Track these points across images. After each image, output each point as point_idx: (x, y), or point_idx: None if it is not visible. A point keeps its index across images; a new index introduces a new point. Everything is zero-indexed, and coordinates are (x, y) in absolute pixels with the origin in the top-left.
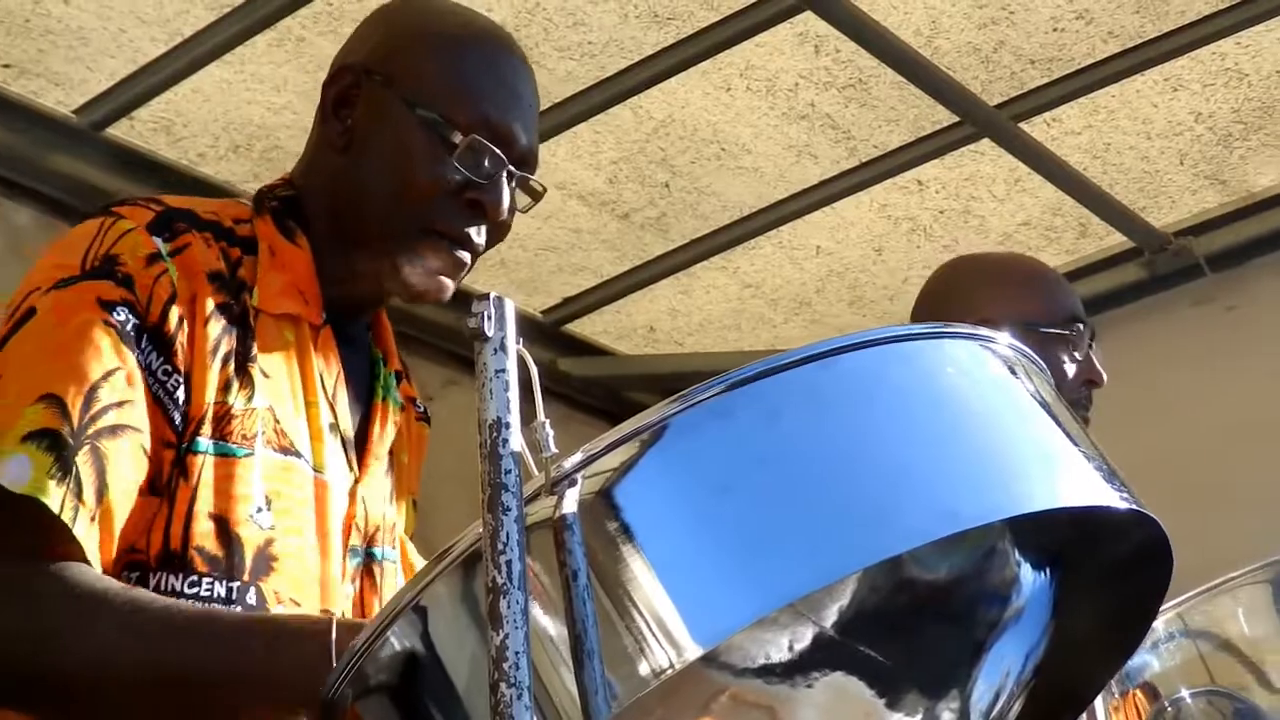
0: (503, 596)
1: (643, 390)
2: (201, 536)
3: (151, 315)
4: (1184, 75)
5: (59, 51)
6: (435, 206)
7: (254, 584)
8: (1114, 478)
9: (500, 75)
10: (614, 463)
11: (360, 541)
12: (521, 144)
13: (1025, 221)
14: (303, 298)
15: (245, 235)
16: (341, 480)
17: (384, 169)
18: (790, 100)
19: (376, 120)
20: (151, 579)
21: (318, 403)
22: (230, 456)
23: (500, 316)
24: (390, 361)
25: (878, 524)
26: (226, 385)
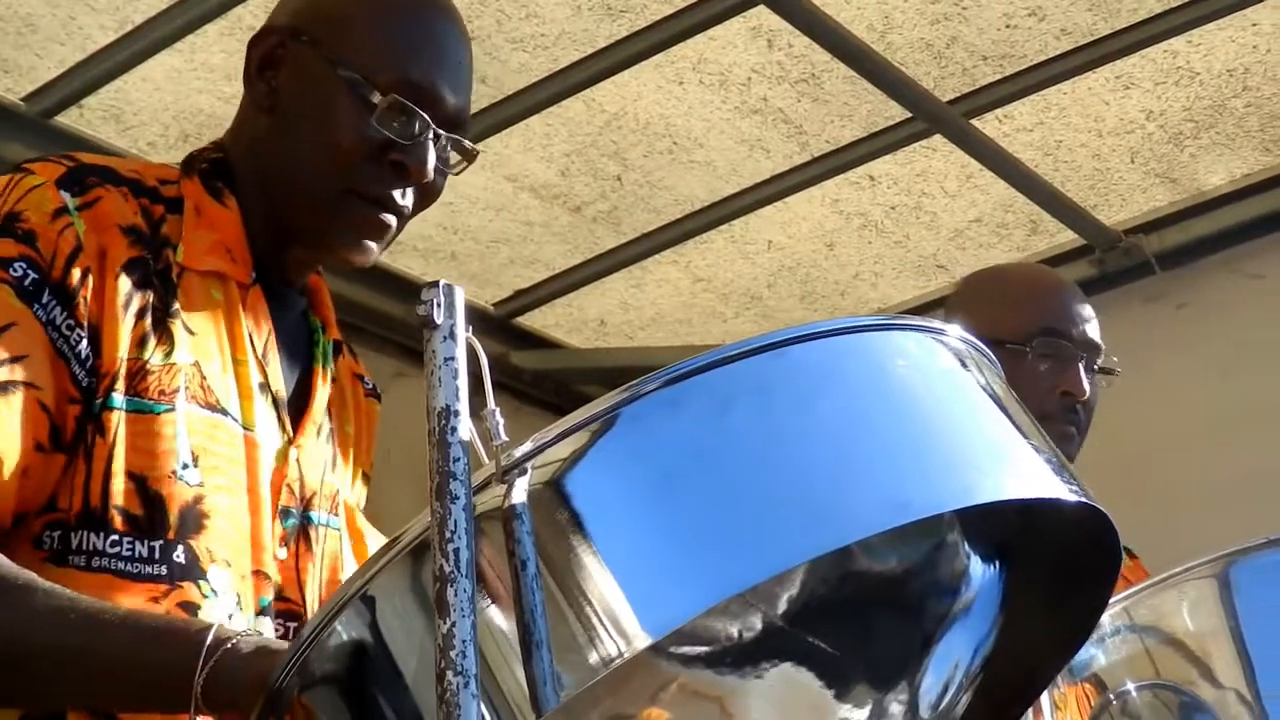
0: (450, 585)
1: (594, 383)
2: (119, 495)
3: (55, 270)
4: (1135, 73)
5: (7, 39)
6: (358, 168)
7: (183, 542)
8: (1063, 470)
9: (426, 34)
10: (564, 452)
11: (295, 504)
12: (449, 104)
13: (977, 218)
14: (230, 256)
15: (171, 195)
16: (272, 440)
17: (307, 130)
18: (743, 94)
19: (300, 81)
20: (73, 538)
21: (247, 361)
22: (147, 413)
23: (449, 304)
24: (329, 330)
25: (827, 515)
26: (142, 340)
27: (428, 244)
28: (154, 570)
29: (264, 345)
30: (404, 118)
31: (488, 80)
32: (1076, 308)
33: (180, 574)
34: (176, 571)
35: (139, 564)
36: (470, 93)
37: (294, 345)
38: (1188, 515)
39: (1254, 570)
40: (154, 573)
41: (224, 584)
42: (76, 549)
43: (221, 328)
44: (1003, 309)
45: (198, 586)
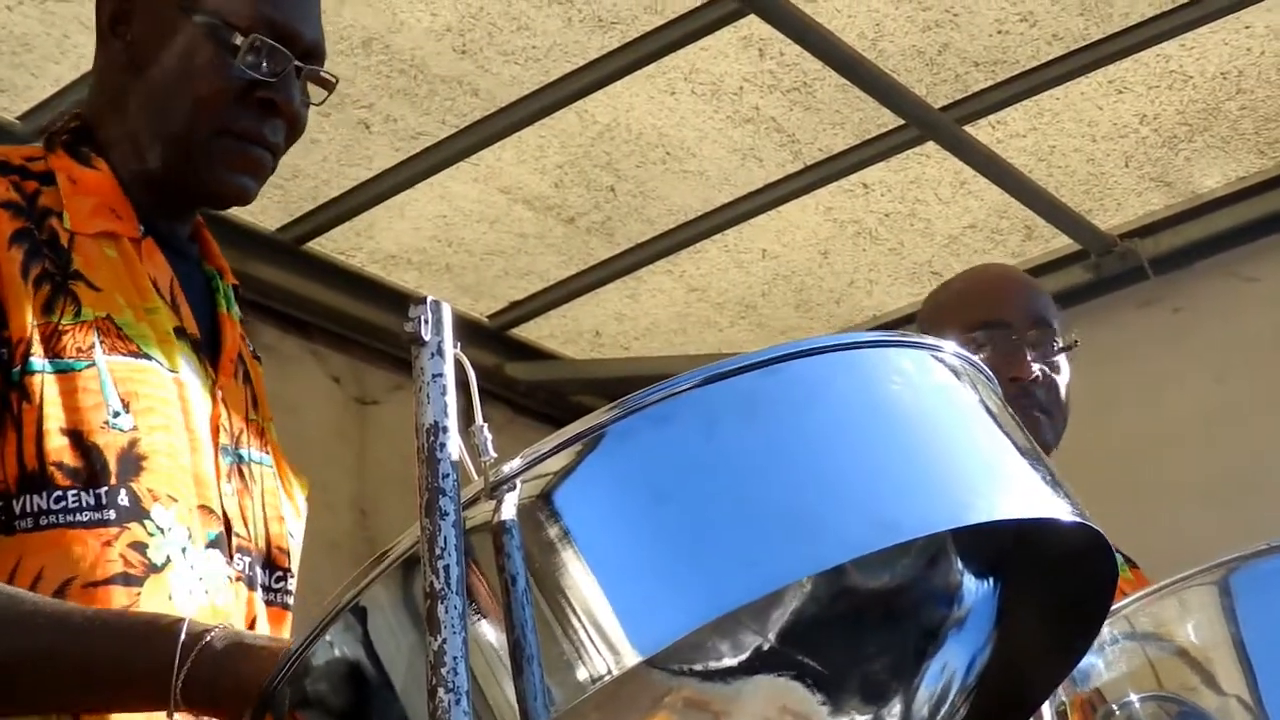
0: (440, 601)
1: (589, 394)
2: (57, 452)
3: None
4: (1128, 78)
5: (2, 57)
6: (226, 110)
7: (124, 486)
8: (1059, 488)
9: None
10: (554, 468)
11: (229, 441)
12: (306, 38)
13: (971, 224)
14: (114, 214)
15: (40, 170)
16: (198, 381)
17: (170, 79)
18: (735, 104)
19: (155, 32)
20: (15, 504)
21: (158, 308)
22: (69, 371)
23: (437, 320)
24: (226, 275)
25: (817, 534)
26: (47, 305)
27: (422, 257)
28: (103, 515)
29: (170, 291)
30: (266, 56)
31: (480, 93)
32: (1015, 294)
33: (126, 516)
34: (123, 514)
35: (87, 512)
36: (320, 26)
37: (195, 290)
38: (1184, 517)
39: (1254, 577)
40: (102, 518)
41: (169, 520)
42: (21, 513)
43: (125, 282)
44: (946, 313)
45: (143, 526)
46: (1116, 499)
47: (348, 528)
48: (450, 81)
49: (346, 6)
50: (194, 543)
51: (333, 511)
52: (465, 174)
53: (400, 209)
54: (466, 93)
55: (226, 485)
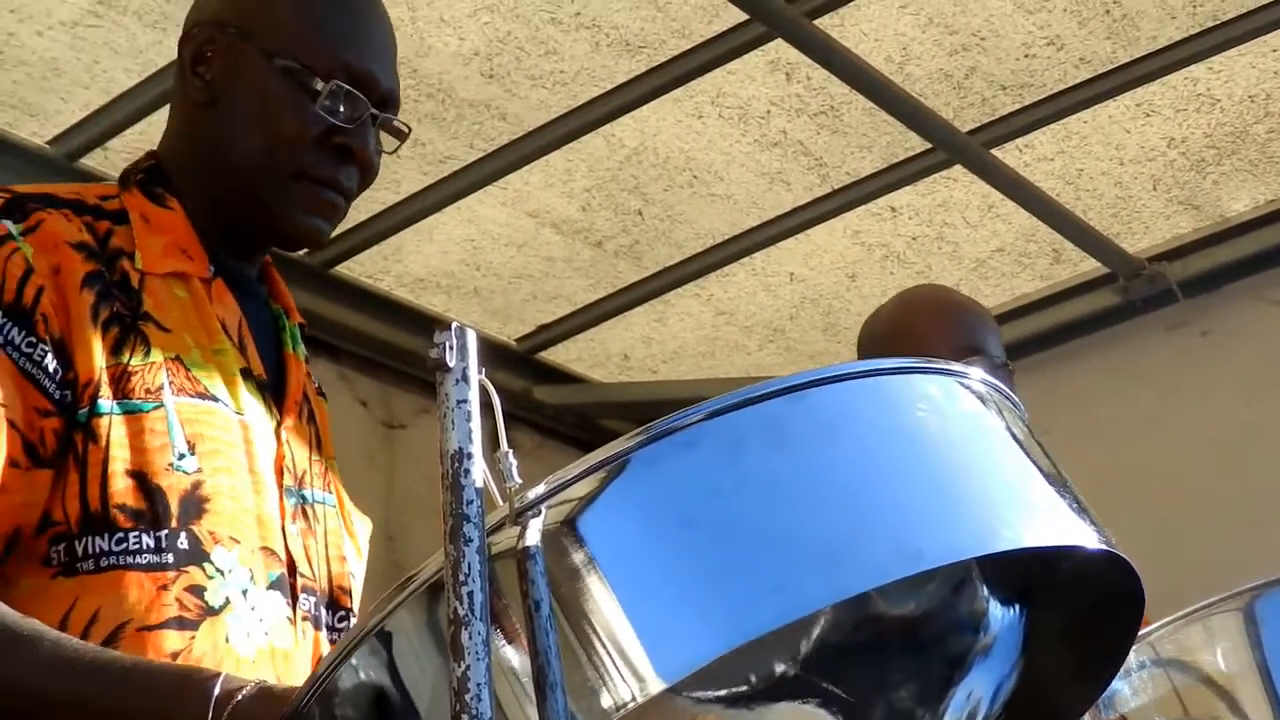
0: (464, 628)
1: (617, 418)
2: (120, 494)
3: (6, 293)
4: (1156, 101)
5: (33, 82)
6: (303, 154)
7: (185, 529)
8: (1085, 515)
9: (357, 20)
10: (578, 494)
11: (293, 483)
12: (383, 86)
13: (999, 248)
14: (185, 255)
15: (114, 209)
16: (263, 422)
17: (248, 121)
18: (762, 127)
19: (236, 74)
20: (78, 546)
21: (226, 349)
22: (137, 412)
23: (462, 347)
24: (292, 315)
25: (841, 561)
26: (116, 347)
27: (450, 281)
28: (161, 559)
29: (238, 332)
30: (345, 102)
31: (508, 117)
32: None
33: (185, 559)
34: (182, 557)
35: (147, 554)
36: (397, 75)
37: (262, 330)
38: (1213, 540)
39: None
40: (161, 561)
41: (231, 561)
42: (84, 555)
43: (194, 322)
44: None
45: (202, 569)
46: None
47: (375, 551)
48: (478, 105)
49: None
50: (256, 584)
51: None
52: (493, 198)
53: (428, 233)
54: (494, 117)
55: (292, 526)
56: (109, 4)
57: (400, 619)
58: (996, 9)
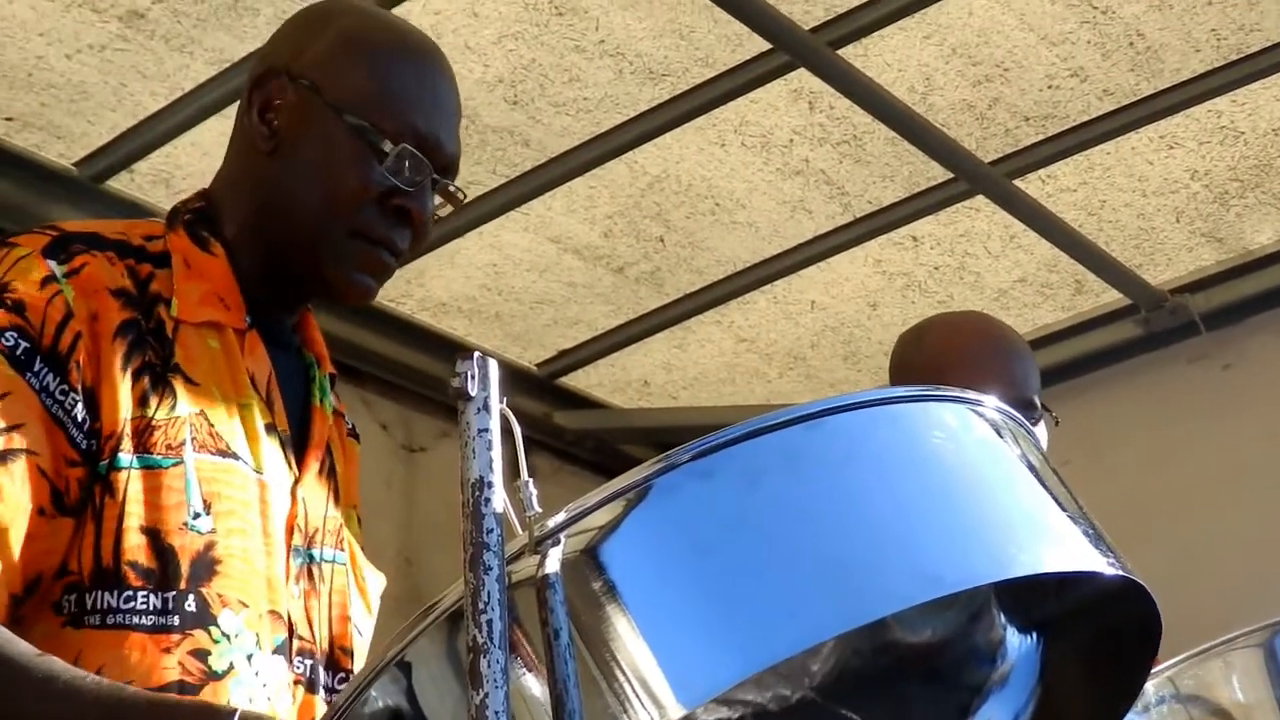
0: (483, 656)
1: (637, 444)
2: (133, 551)
3: (45, 337)
4: (1179, 133)
5: (60, 105)
6: (362, 211)
7: (193, 591)
8: (1101, 542)
9: (426, 84)
10: (598, 522)
11: (302, 542)
12: (447, 152)
13: (1021, 278)
14: (223, 304)
15: (157, 251)
16: (282, 480)
17: (311, 174)
18: (785, 156)
19: (303, 125)
20: (88, 598)
21: (252, 405)
22: (156, 468)
23: (483, 376)
24: (324, 365)
25: (859, 587)
26: (143, 399)
27: (472, 305)
28: (167, 621)
29: (266, 386)
30: (410, 165)
31: (531, 143)
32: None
33: (191, 622)
34: (188, 620)
35: (152, 616)
36: (459, 141)
37: (292, 382)
38: (1234, 574)
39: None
40: (166, 623)
41: (238, 625)
42: (91, 609)
43: (224, 375)
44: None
45: (208, 633)
46: (1165, 554)
47: (394, 575)
48: (501, 132)
49: None
50: (261, 649)
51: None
52: (516, 223)
53: (450, 257)
54: (518, 143)
55: (294, 587)
56: (137, 28)
57: (421, 648)
58: (1020, 40)
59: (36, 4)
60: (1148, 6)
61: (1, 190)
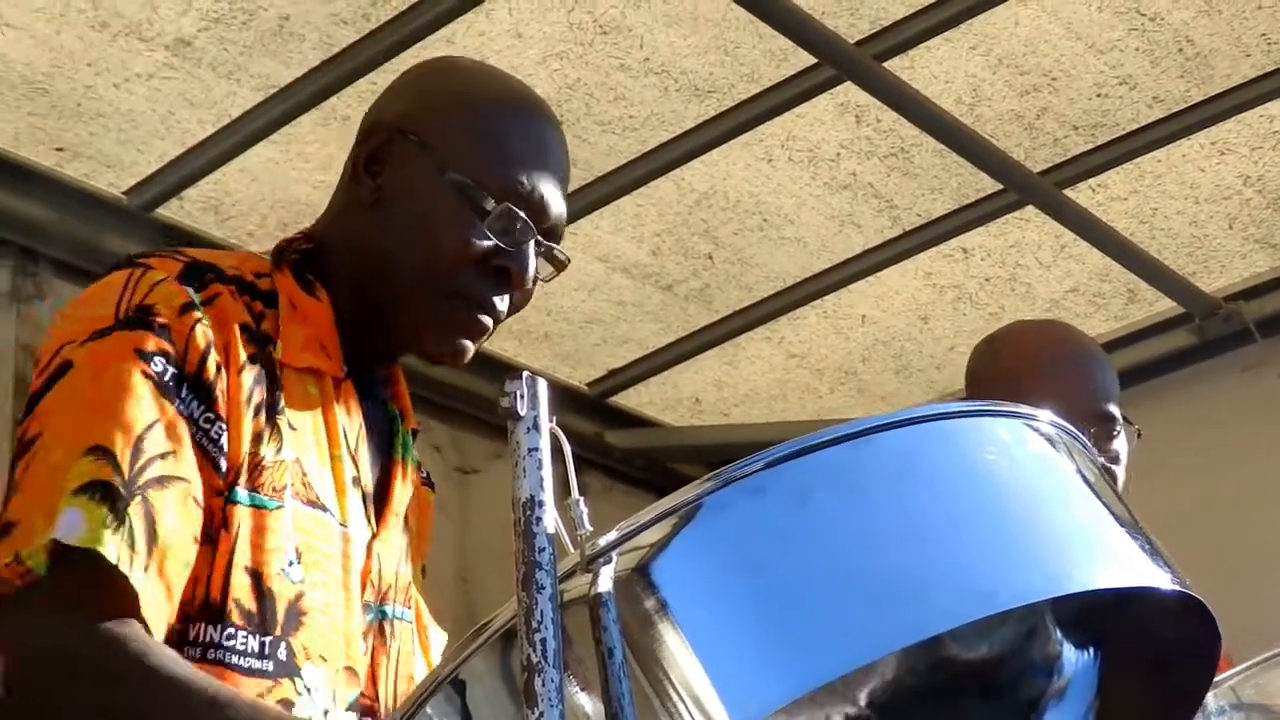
0: (537, 674)
1: (688, 461)
2: (239, 589)
3: (190, 364)
4: (1231, 139)
5: (109, 134)
6: (462, 271)
7: (285, 639)
8: (1158, 556)
9: (534, 144)
10: (649, 540)
11: (374, 598)
12: (551, 214)
13: (1073, 288)
14: (324, 351)
15: (266, 289)
16: (361, 534)
17: (412, 230)
18: (832, 170)
19: (408, 181)
20: (190, 629)
21: (341, 456)
22: (263, 508)
23: (533, 395)
24: (408, 419)
25: (913, 605)
26: (259, 436)
27: (521, 325)
28: (262, 665)
29: (356, 439)
30: (512, 225)
31: (578, 163)
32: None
33: (281, 670)
34: (279, 668)
35: (250, 658)
36: (565, 203)
37: (377, 434)
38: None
39: None
40: (261, 668)
41: (319, 680)
42: (193, 640)
43: (319, 423)
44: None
45: (293, 683)
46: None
47: (449, 596)
48: None
49: None
50: (336, 705)
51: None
52: (564, 243)
53: None
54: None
55: (361, 643)
56: (184, 56)
57: (474, 666)
58: (1068, 49)
59: (84, 34)
60: (1196, 12)
61: (52, 220)
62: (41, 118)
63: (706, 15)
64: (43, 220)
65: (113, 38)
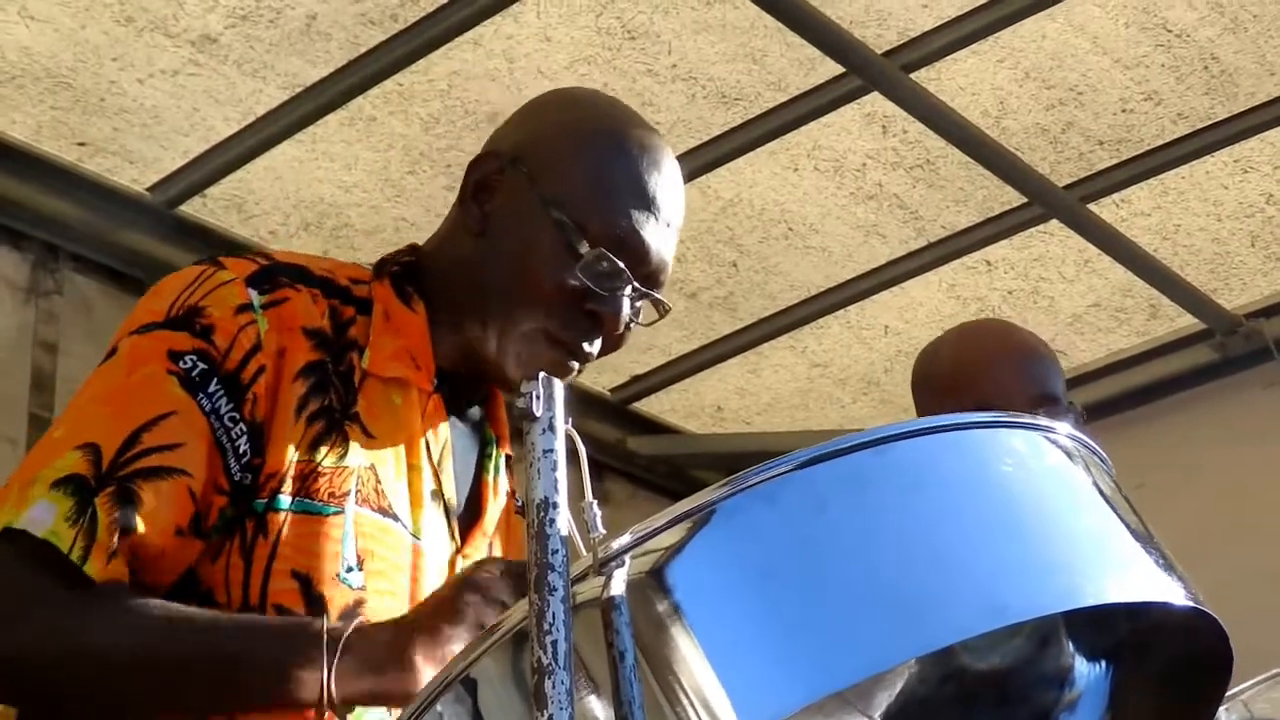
0: (548, 677)
1: (710, 469)
2: (280, 594)
3: (230, 362)
4: (1254, 157)
5: (133, 130)
6: (553, 309)
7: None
8: (1172, 571)
9: (644, 188)
10: (663, 544)
11: None
12: (652, 261)
13: (1095, 303)
14: (414, 363)
15: (361, 296)
16: (441, 549)
17: (510, 262)
18: (858, 180)
19: (513, 212)
20: None
21: (420, 468)
22: (315, 514)
23: (549, 396)
24: (503, 444)
25: (925, 615)
26: (315, 443)
27: None
28: None
29: (440, 453)
30: (605, 270)
31: None
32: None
33: None
34: None
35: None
36: (669, 251)
37: (467, 455)
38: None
39: None
40: None
41: None
42: None
43: (400, 433)
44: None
45: None
46: (1240, 579)
47: None
48: None
49: (473, 82)
50: (391, 714)
51: None
52: None
53: None
54: None
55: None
56: (209, 53)
57: (485, 667)
58: (1094, 64)
59: (110, 29)
60: (1222, 30)
61: (75, 215)
62: (65, 112)
63: (734, 23)
64: (64, 215)
65: (138, 33)
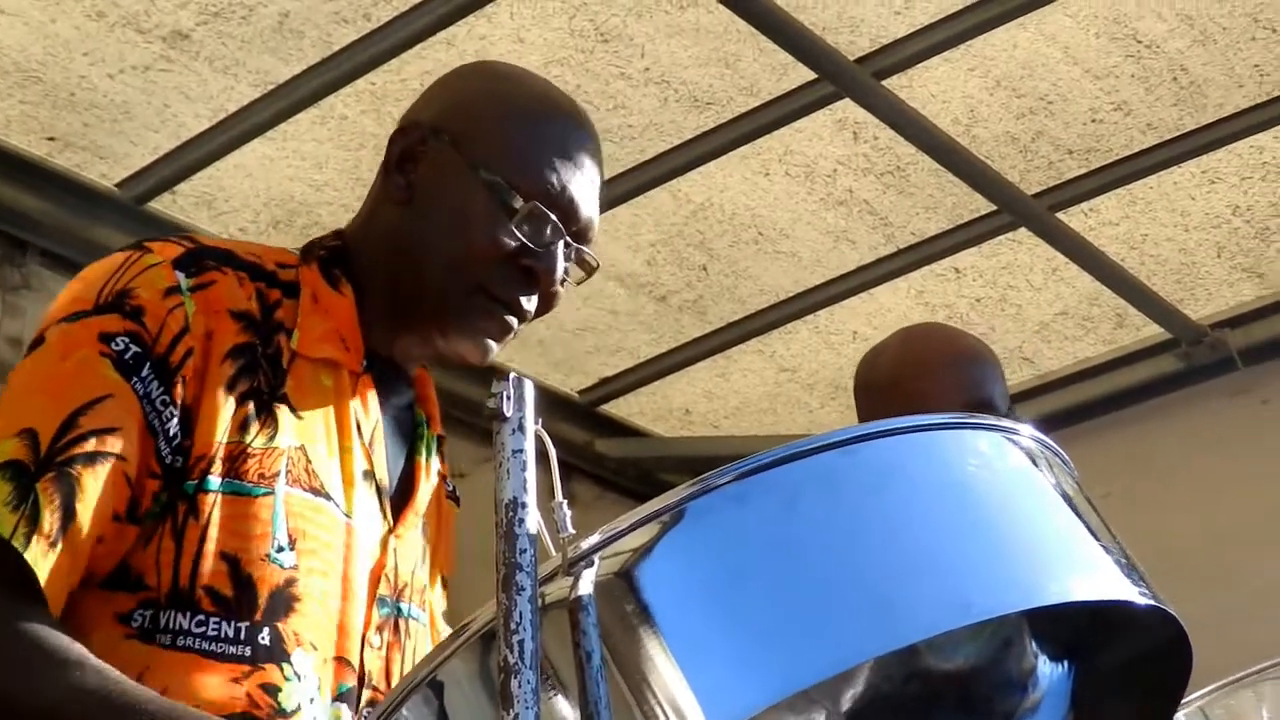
0: (514, 676)
1: (678, 472)
2: (210, 576)
3: (159, 346)
4: (1222, 168)
5: (103, 125)
6: (489, 270)
7: (270, 624)
8: (1133, 572)
9: (568, 147)
10: (632, 544)
11: (390, 593)
12: (581, 217)
13: (1062, 311)
14: (344, 344)
15: (288, 280)
16: (373, 528)
17: (442, 228)
18: (828, 186)
19: (439, 179)
20: (162, 616)
21: (352, 449)
22: (244, 495)
23: (519, 397)
24: (434, 425)
25: (890, 613)
26: (244, 424)
27: None
28: (238, 651)
29: (371, 433)
30: (540, 225)
31: None
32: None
33: (264, 656)
34: (261, 653)
35: (223, 644)
36: (598, 206)
37: (398, 435)
38: (1273, 610)
39: None
40: (238, 653)
41: (307, 667)
42: (163, 628)
43: (330, 414)
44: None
45: (280, 669)
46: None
47: None
48: None
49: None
50: (321, 695)
51: None
52: None
53: None
54: None
55: (375, 636)
56: (180, 49)
57: (453, 668)
58: (1064, 74)
59: (81, 24)
60: (1191, 41)
61: (44, 210)
62: (34, 106)
63: (708, 27)
64: (33, 210)
65: (109, 28)
